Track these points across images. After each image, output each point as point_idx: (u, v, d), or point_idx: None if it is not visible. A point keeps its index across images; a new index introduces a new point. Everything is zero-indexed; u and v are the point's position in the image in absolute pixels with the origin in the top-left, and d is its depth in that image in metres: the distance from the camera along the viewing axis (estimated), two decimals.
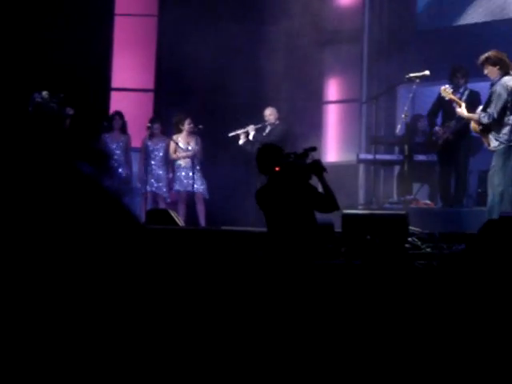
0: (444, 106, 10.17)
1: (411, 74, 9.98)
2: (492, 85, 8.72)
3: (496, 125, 8.52)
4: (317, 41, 13.20)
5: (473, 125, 8.88)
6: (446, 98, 9.03)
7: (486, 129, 8.63)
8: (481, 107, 8.76)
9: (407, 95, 10.28)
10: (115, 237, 1.31)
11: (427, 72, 9.95)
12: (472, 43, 10.95)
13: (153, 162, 11.90)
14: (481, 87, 9.68)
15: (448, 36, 12.16)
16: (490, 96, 8.60)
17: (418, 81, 9.95)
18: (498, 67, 8.54)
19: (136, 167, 12.14)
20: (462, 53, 11.28)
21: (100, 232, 1.30)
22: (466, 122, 9.26)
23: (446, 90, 9.01)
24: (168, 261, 1.40)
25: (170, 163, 12.03)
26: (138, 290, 1.31)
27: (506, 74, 8.53)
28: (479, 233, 4.99)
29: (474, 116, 8.74)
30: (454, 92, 9.53)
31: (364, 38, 13.24)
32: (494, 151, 8.61)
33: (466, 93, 9.86)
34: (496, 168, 8.52)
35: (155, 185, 11.85)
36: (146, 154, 11.98)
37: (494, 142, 8.57)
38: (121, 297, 1.29)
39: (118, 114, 12.14)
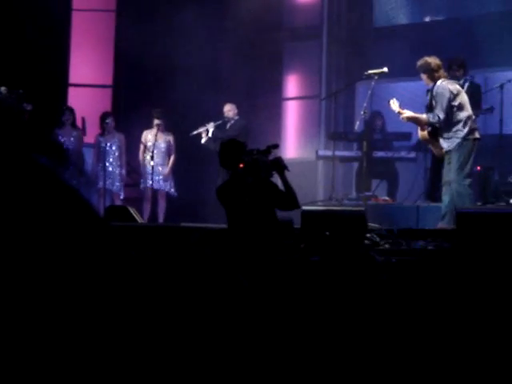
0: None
1: (370, 71, 10.03)
2: (428, 91, 8.79)
3: (445, 125, 8.55)
4: (276, 37, 13.22)
5: (421, 133, 8.84)
6: (396, 111, 8.98)
7: (434, 133, 8.66)
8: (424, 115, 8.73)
9: (366, 92, 10.32)
10: (76, 231, 1.29)
11: (385, 69, 10.00)
12: (431, 40, 11.04)
13: (106, 158, 11.80)
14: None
15: (406, 33, 12.25)
16: (431, 100, 8.64)
17: (376, 78, 9.99)
18: (427, 75, 8.63)
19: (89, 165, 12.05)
20: (420, 49, 11.36)
21: (60, 226, 1.28)
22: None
23: (394, 103, 8.99)
24: (126, 257, 1.38)
25: (125, 159, 11.94)
26: (98, 285, 1.29)
27: (439, 78, 8.60)
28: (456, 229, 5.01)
29: (423, 116, 8.73)
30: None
31: (323, 35, 13.28)
32: (446, 152, 8.62)
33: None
34: (452, 165, 8.57)
35: (109, 181, 11.75)
36: (99, 150, 11.88)
37: (446, 143, 8.60)
38: (80, 292, 1.27)
39: (69, 109, 12.03)
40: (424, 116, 8.70)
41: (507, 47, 10.95)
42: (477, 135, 8.57)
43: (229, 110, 11.56)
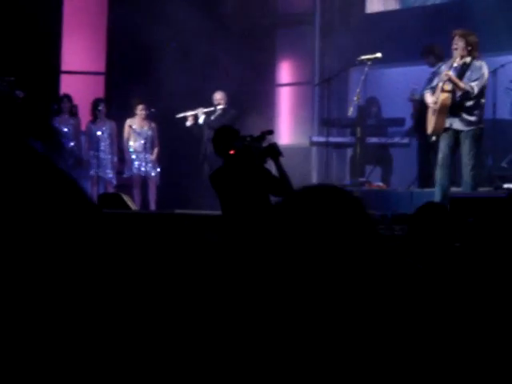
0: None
1: (363, 57, 10.00)
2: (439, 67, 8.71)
3: (472, 104, 8.50)
4: (269, 24, 13.17)
5: (442, 96, 8.50)
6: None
7: (457, 105, 8.50)
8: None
9: (359, 78, 10.30)
10: (69, 218, 1.27)
11: (379, 54, 9.97)
12: (424, 25, 11.01)
13: (98, 146, 11.77)
14: None
15: (398, 18, 12.22)
16: (463, 73, 8.52)
17: (369, 63, 9.97)
18: (470, 48, 8.56)
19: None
20: (413, 35, 11.34)
21: (53, 213, 1.26)
22: None
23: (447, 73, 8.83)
24: (121, 245, 1.37)
25: (116, 146, 11.93)
26: (92, 273, 1.28)
27: (477, 57, 8.59)
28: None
29: (461, 84, 8.53)
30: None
31: (316, 21, 13.25)
32: (454, 132, 8.52)
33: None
34: (468, 149, 8.53)
35: (101, 169, 11.73)
36: (90, 137, 11.86)
37: (462, 123, 8.47)
38: (74, 280, 1.26)
39: (67, 96, 12.00)
40: (463, 83, 8.54)
41: (500, 32, 10.93)
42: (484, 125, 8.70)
43: (220, 98, 11.48)
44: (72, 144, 11.74)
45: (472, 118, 8.50)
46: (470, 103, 8.50)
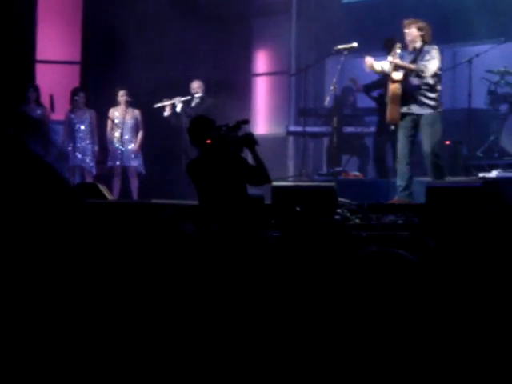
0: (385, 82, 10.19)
1: (339, 46, 10.01)
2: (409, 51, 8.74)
3: (426, 90, 8.54)
4: (245, 13, 13.15)
5: (392, 87, 8.59)
6: (371, 67, 8.89)
7: (411, 92, 8.56)
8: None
9: (336, 67, 10.31)
10: (50, 206, 1.27)
11: (355, 44, 9.98)
12: (400, 15, 11.01)
13: (77, 135, 11.70)
14: None
15: (375, 7, 12.24)
16: (416, 57, 8.58)
17: (346, 53, 9.98)
18: (422, 33, 8.60)
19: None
20: (389, 24, 11.36)
21: (34, 202, 1.26)
22: None
23: (369, 60, 8.90)
24: (100, 235, 1.37)
25: (97, 135, 11.87)
26: (73, 263, 1.28)
27: (427, 43, 8.60)
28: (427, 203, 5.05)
29: (411, 65, 8.59)
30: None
31: (292, 10, 13.24)
32: (411, 118, 8.56)
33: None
34: (427, 137, 8.56)
35: (80, 158, 11.67)
36: (69, 126, 11.78)
37: (420, 108, 8.53)
38: (55, 270, 1.26)
39: (33, 86, 11.91)
40: (413, 65, 8.61)
41: (476, 22, 10.98)
42: (442, 111, 8.70)
43: (197, 86, 11.46)
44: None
45: (429, 102, 8.54)
46: (425, 87, 8.55)
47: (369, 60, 8.88)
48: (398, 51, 8.69)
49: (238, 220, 6.72)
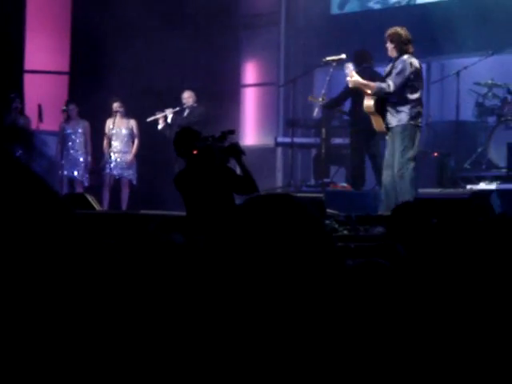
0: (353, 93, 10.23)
1: (328, 58, 10.04)
2: (390, 61, 8.75)
3: (397, 101, 8.49)
4: (234, 24, 13.18)
5: (366, 103, 8.64)
6: (348, 75, 8.91)
7: (382, 106, 8.55)
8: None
9: (324, 78, 10.34)
10: (40, 218, 1.27)
11: (343, 55, 10.02)
12: (388, 27, 11.06)
13: (70, 146, 11.73)
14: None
15: (363, 20, 12.29)
16: (391, 70, 8.59)
17: (334, 64, 10.01)
18: (394, 45, 8.58)
19: (50, 150, 11.93)
20: (377, 36, 11.41)
21: (23, 213, 1.26)
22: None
23: (349, 67, 8.92)
24: (87, 245, 1.37)
25: (90, 146, 11.88)
26: (62, 274, 1.28)
27: (406, 52, 8.55)
28: (392, 215, 5.05)
29: (371, 84, 8.63)
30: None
31: (281, 22, 13.28)
32: (389, 129, 8.54)
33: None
34: (395, 147, 8.53)
35: (72, 169, 11.68)
36: (63, 137, 11.80)
37: (392, 119, 8.51)
38: (44, 279, 1.25)
39: (17, 95, 11.93)
40: (373, 84, 8.65)
41: (463, 34, 11.04)
42: (420, 121, 8.53)
43: (188, 96, 11.51)
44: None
45: (400, 115, 8.50)
46: (394, 99, 8.53)
47: (350, 68, 8.87)
48: (351, 68, 8.76)
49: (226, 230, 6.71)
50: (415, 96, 8.47)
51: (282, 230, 1.63)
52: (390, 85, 8.47)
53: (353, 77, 8.75)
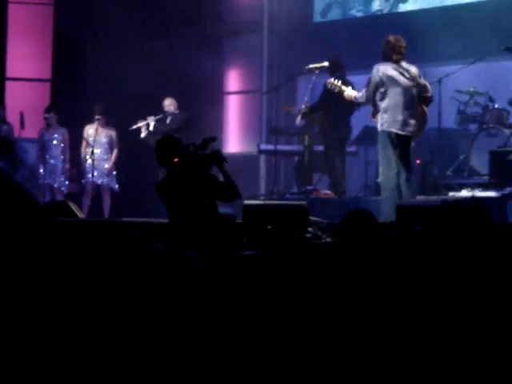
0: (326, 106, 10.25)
1: (310, 65, 10.06)
2: None
3: (378, 108, 8.53)
4: (217, 32, 13.19)
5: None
6: (336, 90, 8.96)
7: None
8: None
9: (307, 86, 10.36)
10: (20, 225, 1.26)
11: (326, 63, 10.05)
12: (369, 35, 11.14)
13: (49, 153, 11.70)
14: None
15: (345, 28, 12.33)
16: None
17: (317, 72, 10.04)
18: (382, 52, 8.60)
19: (31, 158, 11.89)
20: (359, 44, 11.46)
21: (3, 220, 1.25)
22: None
23: (334, 82, 8.95)
24: (69, 253, 1.36)
25: (68, 153, 11.85)
26: (41, 280, 1.27)
27: (387, 59, 8.55)
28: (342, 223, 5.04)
29: (350, 94, 8.66)
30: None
31: (264, 30, 13.30)
32: None
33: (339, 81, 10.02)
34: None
35: (51, 176, 11.66)
36: (42, 145, 11.77)
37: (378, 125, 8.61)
38: (24, 286, 1.25)
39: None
40: (352, 94, 8.68)
41: (445, 42, 11.09)
42: (393, 129, 8.38)
43: (169, 104, 11.51)
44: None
45: (378, 122, 8.52)
46: (371, 108, 8.55)
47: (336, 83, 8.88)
48: (333, 84, 8.82)
49: (208, 239, 6.70)
50: (384, 104, 8.44)
51: None
52: (362, 95, 8.54)
53: (345, 91, 8.75)
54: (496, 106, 10.69)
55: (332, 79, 8.96)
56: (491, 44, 10.38)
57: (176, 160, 6.90)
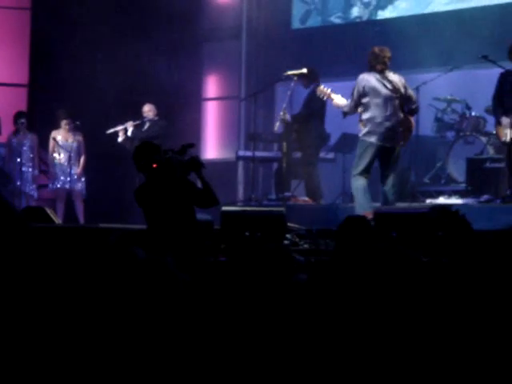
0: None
1: (289, 72, 10.08)
2: None
3: (360, 116, 8.66)
4: (195, 37, 13.18)
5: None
6: (325, 98, 9.07)
7: None
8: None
9: (285, 92, 10.37)
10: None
11: (305, 70, 10.07)
12: (348, 42, 11.19)
13: (18, 159, 11.61)
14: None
15: (324, 34, 12.37)
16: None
17: (295, 78, 10.05)
18: (368, 64, 8.68)
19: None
20: (339, 50, 11.50)
21: None
22: None
23: (323, 90, 9.04)
24: (45, 258, 1.34)
25: (38, 159, 11.79)
26: (16, 284, 1.26)
27: (372, 69, 8.62)
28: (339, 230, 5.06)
29: (339, 103, 8.78)
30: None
31: (242, 36, 13.31)
32: None
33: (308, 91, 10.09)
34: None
35: (21, 182, 11.57)
36: (10, 150, 11.69)
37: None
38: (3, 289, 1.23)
39: None
40: (340, 102, 8.77)
41: (423, 49, 11.15)
42: (372, 139, 8.52)
43: (148, 110, 11.48)
44: None
45: (360, 130, 8.59)
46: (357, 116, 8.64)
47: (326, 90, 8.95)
48: (323, 91, 8.87)
49: (186, 245, 6.68)
50: (367, 114, 8.53)
51: None
52: (347, 104, 8.62)
53: (334, 98, 8.82)
54: (473, 113, 10.75)
55: (322, 86, 9.02)
56: (468, 52, 10.44)
57: (155, 166, 6.88)
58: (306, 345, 1.79)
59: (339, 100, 8.82)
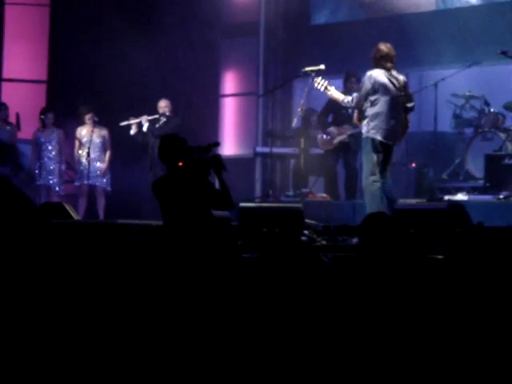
0: (335, 108, 10.32)
1: (307, 68, 10.05)
2: None
3: (363, 114, 8.54)
4: (213, 34, 13.19)
5: (356, 115, 8.77)
6: (322, 90, 8.97)
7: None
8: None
9: (303, 89, 10.36)
10: (16, 227, 1.26)
11: (322, 66, 10.03)
12: (367, 38, 11.13)
13: (45, 155, 11.68)
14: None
15: (342, 31, 12.33)
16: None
17: (313, 75, 10.03)
18: (372, 60, 8.61)
19: (27, 160, 11.88)
20: (357, 47, 11.46)
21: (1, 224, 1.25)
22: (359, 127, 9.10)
23: (320, 82, 8.94)
24: (63, 254, 1.35)
25: (64, 155, 11.84)
26: (36, 279, 1.27)
27: (380, 67, 8.55)
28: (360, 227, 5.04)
29: (339, 97, 8.73)
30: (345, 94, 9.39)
31: (260, 32, 13.30)
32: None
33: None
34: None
35: (47, 178, 11.64)
36: (37, 146, 11.75)
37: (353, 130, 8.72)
38: (20, 286, 1.25)
39: (3, 104, 11.90)
40: (341, 97, 8.73)
41: (441, 46, 11.11)
42: (378, 137, 8.34)
43: (165, 105, 11.46)
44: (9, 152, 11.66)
45: (362, 127, 8.52)
46: (363, 112, 8.56)
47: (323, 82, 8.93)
48: (319, 83, 8.85)
49: (204, 241, 6.69)
50: (372, 111, 8.42)
51: None
52: (351, 100, 8.57)
53: (330, 90, 8.80)
54: (492, 110, 10.71)
55: (319, 78, 8.96)
56: (487, 48, 10.40)
57: (180, 164, 6.88)
58: (334, 341, 1.80)
59: (335, 93, 8.81)
